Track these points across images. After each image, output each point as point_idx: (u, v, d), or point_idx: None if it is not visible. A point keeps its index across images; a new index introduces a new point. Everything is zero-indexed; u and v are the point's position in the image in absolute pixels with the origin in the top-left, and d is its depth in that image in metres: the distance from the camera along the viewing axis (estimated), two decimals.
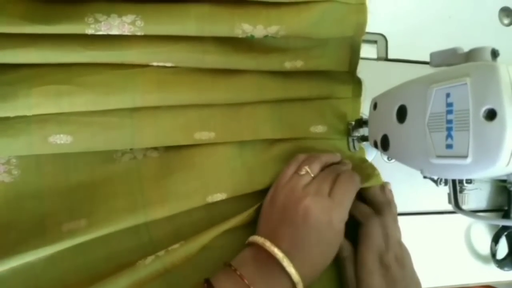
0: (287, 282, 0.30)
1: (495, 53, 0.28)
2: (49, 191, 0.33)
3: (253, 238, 0.33)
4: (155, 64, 0.35)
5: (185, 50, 0.34)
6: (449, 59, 0.31)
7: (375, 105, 0.38)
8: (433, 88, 0.29)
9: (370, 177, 0.38)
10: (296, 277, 0.30)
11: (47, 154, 0.33)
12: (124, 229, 0.33)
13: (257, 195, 0.37)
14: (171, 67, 0.35)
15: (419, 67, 0.49)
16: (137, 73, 0.34)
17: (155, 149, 0.37)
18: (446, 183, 0.35)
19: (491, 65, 0.25)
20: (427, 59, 0.34)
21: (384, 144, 0.35)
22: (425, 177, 0.34)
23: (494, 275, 0.50)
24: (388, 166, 0.47)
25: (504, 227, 0.49)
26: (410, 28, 0.50)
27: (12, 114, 0.30)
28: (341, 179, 0.35)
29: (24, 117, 0.30)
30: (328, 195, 0.33)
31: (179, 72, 0.35)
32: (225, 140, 0.38)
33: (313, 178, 0.35)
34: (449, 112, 0.27)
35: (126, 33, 0.31)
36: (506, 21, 0.55)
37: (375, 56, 0.49)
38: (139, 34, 0.31)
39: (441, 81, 0.28)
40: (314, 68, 0.40)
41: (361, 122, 0.41)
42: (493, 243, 0.49)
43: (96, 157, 0.34)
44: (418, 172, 0.32)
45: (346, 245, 0.36)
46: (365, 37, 0.39)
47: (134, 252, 0.33)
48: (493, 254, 0.49)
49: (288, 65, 0.38)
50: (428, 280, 0.46)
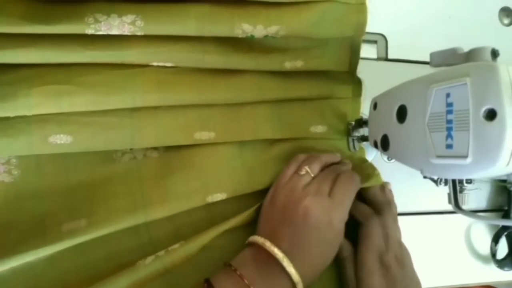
0: (287, 282, 0.30)
1: (495, 53, 0.28)
2: (49, 191, 0.33)
3: (253, 238, 0.33)
4: (155, 64, 0.35)
5: (185, 50, 0.34)
6: (449, 59, 0.31)
7: (375, 105, 0.38)
8: (433, 88, 0.29)
9: (370, 177, 0.38)
10: (296, 277, 0.30)
11: (47, 154, 0.33)
12: (124, 229, 0.33)
13: (257, 195, 0.37)
14: (171, 67, 0.35)
15: (419, 67, 0.49)
16: (137, 73, 0.34)
17: (155, 149, 0.37)
18: (446, 183, 0.35)
19: (491, 65, 0.25)
20: (427, 59, 0.34)
21: (384, 144, 0.35)
22: (425, 177, 0.34)
23: (494, 275, 0.50)
24: (388, 166, 0.47)
25: (504, 227, 0.49)
26: (410, 28, 0.50)
27: (12, 114, 0.30)
28: (341, 179, 0.35)
29: (24, 117, 0.30)
30: (328, 195, 0.33)
31: (179, 72, 0.35)
32: (225, 140, 0.38)
33: (313, 178, 0.35)
34: (449, 112, 0.27)
35: (126, 33, 0.31)
36: (506, 21, 0.55)
37: (375, 56, 0.49)
38: (139, 34, 0.31)
39: (441, 81, 0.28)
40: (314, 68, 0.40)
41: (361, 122, 0.41)
42: (493, 243, 0.49)
43: (96, 157, 0.34)
44: (418, 172, 0.32)
45: (346, 245, 0.36)
46: (365, 37, 0.39)
47: (134, 252, 0.33)
48: (493, 254, 0.49)
49: (288, 65, 0.38)
50: (428, 280, 0.46)
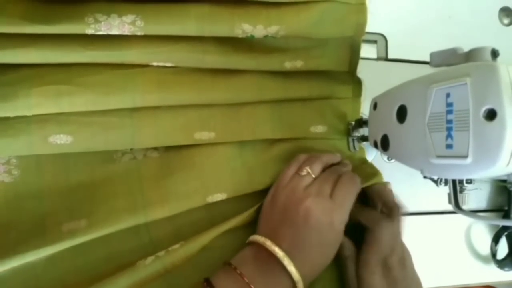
0: (287, 281, 0.30)
1: (495, 53, 0.28)
2: (49, 191, 0.33)
3: (253, 237, 0.33)
4: (155, 64, 0.35)
5: (185, 50, 0.34)
6: (449, 59, 0.31)
7: (375, 105, 0.38)
8: (433, 88, 0.29)
9: (370, 177, 0.38)
10: (297, 275, 0.30)
11: (47, 154, 0.33)
12: (124, 229, 0.33)
13: (257, 195, 0.37)
14: (171, 67, 0.35)
15: (419, 67, 0.49)
16: (137, 73, 0.34)
17: (155, 149, 0.37)
18: (446, 183, 0.36)
19: (491, 65, 0.25)
20: (427, 59, 0.34)
21: (384, 144, 0.35)
22: (425, 177, 0.34)
23: (494, 275, 0.50)
24: (388, 166, 0.47)
25: (504, 227, 0.49)
26: (410, 28, 0.50)
27: (12, 114, 0.30)
28: (342, 180, 0.35)
29: (24, 117, 0.30)
30: (330, 196, 0.33)
31: (179, 72, 0.35)
32: (225, 140, 0.37)
33: (314, 179, 0.35)
34: (449, 112, 0.27)
35: (126, 33, 0.31)
36: (506, 21, 0.55)
37: (375, 56, 0.49)
38: (139, 34, 0.31)
39: (441, 81, 0.28)
40: (314, 68, 0.40)
41: (361, 122, 0.41)
42: (493, 243, 0.49)
43: (96, 157, 0.34)
44: (418, 172, 0.32)
45: (348, 244, 0.36)
46: (365, 37, 0.39)
47: (134, 252, 0.33)
48: (493, 254, 0.49)
49: (288, 65, 0.38)
50: (428, 280, 0.46)
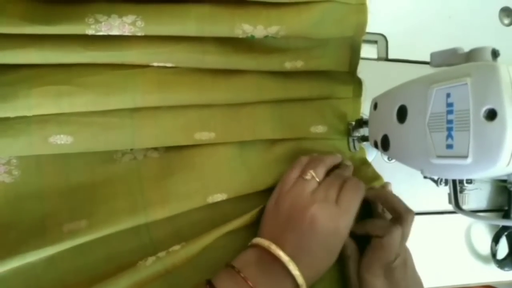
0: (290, 284, 0.30)
1: (495, 53, 0.28)
2: (49, 191, 0.33)
3: (256, 241, 0.33)
4: (155, 64, 0.34)
5: (185, 50, 0.34)
6: (450, 59, 0.31)
7: (375, 105, 0.38)
8: (433, 88, 0.29)
9: (371, 182, 0.39)
10: (301, 280, 0.30)
11: (47, 154, 0.33)
12: (124, 229, 0.33)
13: (258, 196, 0.37)
14: (171, 67, 0.35)
15: (419, 67, 0.49)
16: (137, 74, 0.34)
17: (156, 149, 0.37)
18: (446, 183, 0.35)
19: (492, 65, 0.25)
20: (428, 59, 0.34)
21: (384, 144, 0.35)
22: (425, 177, 0.34)
23: (495, 275, 0.50)
24: (389, 166, 0.47)
25: (504, 227, 0.49)
26: (410, 28, 0.50)
27: (12, 114, 0.30)
28: (347, 186, 0.34)
29: (24, 117, 0.30)
30: (335, 202, 0.33)
31: (179, 72, 0.35)
32: (225, 141, 0.37)
33: (319, 183, 0.35)
34: (450, 112, 0.27)
35: (127, 33, 0.31)
36: (506, 21, 0.55)
37: (375, 56, 0.49)
38: (139, 34, 0.31)
39: (441, 81, 0.28)
40: (315, 68, 0.40)
41: (361, 122, 0.41)
42: (494, 243, 0.49)
43: (96, 158, 0.34)
44: (418, 172, 0.32)
45: (350, 243, 0.36)
46: (365, 37, 0.39)
47: (135, 252, 0.33)
48: (494, 254, 0.49)
49: (288, 65, 0.38)
50: (428, 280, 0.46)
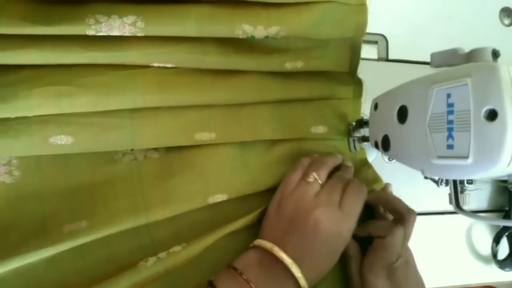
0: (292, 286, 0.31)
1: (495, 54, 0.28)
2: (50, 192, 0.33)
3: (258, 242, 0.33)
4: (155, 65, 0.35)
5: (185, 51, 0.34)
6: (450, 60, 0.31)
7: (375, 106, 0.38)
8: (434, 89, 0.29)
9: (371, 184, 0.39)
10: (304, 282, 0.30)
11: (47, 155, 0.33)
12: (124, 230, 0.33)
13: (258, 196, 0.37)
14: (171, 68, 0.35)
15: (419, 67, 0.49)
16: (137, 74, 0.34)
17: (156, 150, 0.37)
18: (447, 183, 0.36)
19: (492, 65, 0.25)
20: (428, 60, 0.34)
21: (384, 145, 0.35)
22: (426, 177, 0.34)
23: (495, 275, 0.50)
24: (389, 167, 0.47)
25: (505, 227, 0.49)
26: (410, 29, 0.50)
27: (12, 115, 0.30)
28: (350, 189, 0.34)
29: (25, 118, 0.30)
30: (338, 205, 0.33)
31: (179, 73, 0.35)
32: (225, 141, 0.37)
33: (321, 185, 0.35)
34: (450, 113, 0.27)
35: (127, 34, 0.31)
36: (506, 22, 0.55)
37: (375, 56, 0.49)
38: (139, 35, 0.31)
39: (442, 82, 0.28)
40: (315, 69, 0.40)
41: (361, 123, 0.41)
42: (494, 244, 0.49)
43: (97, 158, 0.34)
44: (419, 172, 0.32)
45: (352, 244, 0.36)
46: (365, 37, 0.39)
47: (135, 253, 0.33)
48: (494, 255, 0.49)
49: (288, 65, 0.38)
50: (429, 281, 0.46)
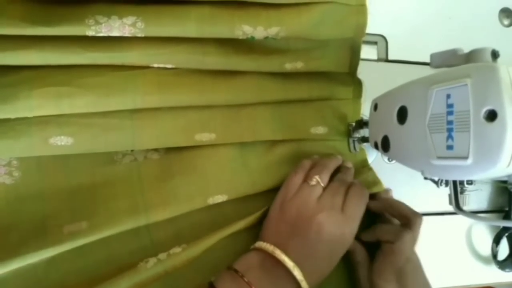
0: None
1: (495, 54, 0.28)
2: (50, 193, 0.33)
3: (260, 245, 0.33)
4: (155, 65, 0.35)
5: (185, 51, 0.34)
6: (450, 60, 0.31)
7: (375, 106, 0.38)
8: (433, 89, 0.29)
9: (371, 186, 0.39)
10: (305, 285, 0.30)
11: (48, 155, 0.33)
12: (125, 231, 0.33)
13: (259, 197, 0.37)
14: (171, 68, 0.35)
15: (419, 68, 0.49)
16: (137, 75, 0.34)
17: (156, 150, 0.37)
18: (446, 184, 0.35)
19: (492, 66, 0.25)
20: (428, 60, 0.34)
21: (384, 145, 0.35)
22: (425, 178, 0.34)
23: (495, 276, 0.50)
24: (389, 167, 0.47)
25: (505, 228, 0.49)
26: (410, 29, 0.50)
27: (13, 116, 0.30)
28: (352, 193, 0.35)
29: (25, 118, 0.31)
30: (341, 209, 0.33)
31: (179, 73, 0.35)
32: (225, 142, 0.37)
33: (324, 188, 0.35)
34: (450, 113, 0.27)
35: (127, 34, 0.31)
36: (506, 22, 0.55)
37: (375, 57, 0.49)
38: (139, 35, 0.31)
39: (441, 82, 0.28)
40: (315, 69, 0.40)
41: (361, 123, 0.41)
42: (494, 244, 0.49)
43: (97, 159, 0.34)
44: (418, 173, 0.32)
45: (359, 249, 0.36)
46: (365, 38, 0.39)
47: (135, 254, 0.33)
48: (494, 255, 0.49)
49: (288, 66, 0.38)
50: (429, 281, 0.46)
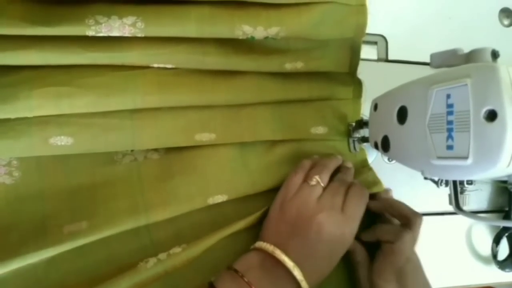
0: None
1: (495, 54, 0.28)
2: (50, 193, 0.33)
3: (260, 245, 0.33)
4: (155, 65, 0.35)
5: (185, 51, 0.34)
6: (450, 60, 0.31)
7: (375, 106, 0.38)
8: (433, 89, 0.29)
9: (371, 186, 0.39)
10: (305, 285, 0.30)
11: (47, 155, 0.33)
12: (125, 231, 0.33)
13: (259, 197, 0.37)
14: (171, 68, 0.35)
15: (419, 68, 0.49)
16: (137, 75, 0.34)
17: (156, 150, 0.37)
18: (446, 184, 0.35)
19: (492, 66, 0.25)
20: (428, 60, 0.34)
21: (384, 145, 0.35)
22: (425, 178, 0.34)
23: (495, 276, 0.50)
24: (389, 167, 0.47)
25: (505, 228, 0.49)
26: (410, 29, 0.50)
27: (13, 116, 0.30)
28: (352, 193, 0.35)
29: (25, 118, 0.31)
30: (341, 209, 0.33)
31: (179, 73, 0.35)
32: (225, 142, 0.37)
33: (324, 188, 0.35)
34: (450, 113, 0.27)
35: (127, 34, 0.31)
36: (506, 22, 0.55)
37: (375, 57, 0.49)
38: (139, 35, 0.31)
39: (441, 82, 0.28)
40: (315, 69, 0.40)
41: (361, 123, 0.41)
42: (494, 244, 0.49)
43: (97, 159, 0.34)
44: (418, 173, 0.32)
45: (359, 249, 0.36)
46: (365, 38, 0.39)
47: (135, 254, 0.33)
48: (494, 255, 0.49)
49: (288, 66, 0.38)
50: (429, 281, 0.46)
